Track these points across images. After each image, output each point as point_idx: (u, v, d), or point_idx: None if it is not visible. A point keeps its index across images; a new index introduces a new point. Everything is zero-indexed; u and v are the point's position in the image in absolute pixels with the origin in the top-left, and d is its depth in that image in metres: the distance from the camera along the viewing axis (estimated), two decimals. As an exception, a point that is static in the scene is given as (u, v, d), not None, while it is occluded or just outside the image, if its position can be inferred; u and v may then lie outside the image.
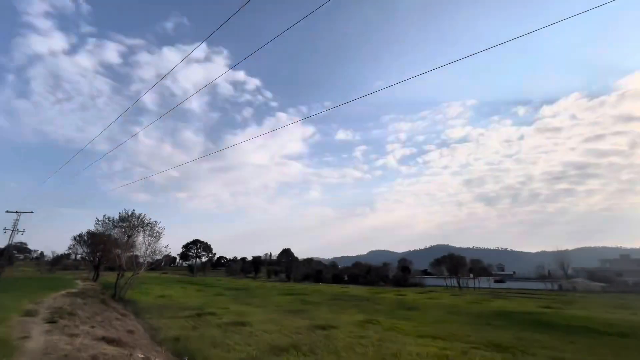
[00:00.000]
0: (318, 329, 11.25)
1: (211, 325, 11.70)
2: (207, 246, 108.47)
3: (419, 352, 8.29)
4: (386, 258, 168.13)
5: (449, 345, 9.28)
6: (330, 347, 8.68)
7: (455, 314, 17.26)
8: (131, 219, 23.22)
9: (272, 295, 28.87)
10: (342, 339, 9.67)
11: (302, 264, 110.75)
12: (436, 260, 75.24)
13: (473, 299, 28.88)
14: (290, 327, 11.70)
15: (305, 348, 8.41)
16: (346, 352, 8.19)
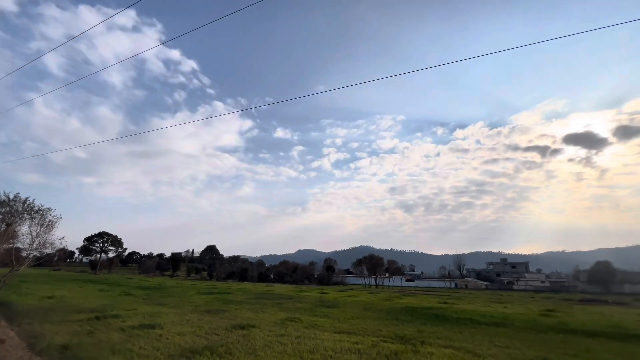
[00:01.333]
0: (237, 329, 10.95)
1: (112, 329, 10.35)
2: (116, 240, 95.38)
3: (334, 347, 8.74)
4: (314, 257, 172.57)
5: (362, 339, 10.01)
6: (249, 346, 8.54)
7: (370, 311, 18.70)
8: (13, 204, 19.02)
9: (191, 294, 26.97)
10: (262, 338, 9.60)
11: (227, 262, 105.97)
12: (358, 260, 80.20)
13: (386, 297, 31.65)
14: (207, 328, 11.11)
15: (222, 349, 8.10)
16: (264, 351, 8.15)
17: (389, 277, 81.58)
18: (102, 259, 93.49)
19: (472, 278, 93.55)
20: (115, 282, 39.08)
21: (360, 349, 8.68)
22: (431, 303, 24.77)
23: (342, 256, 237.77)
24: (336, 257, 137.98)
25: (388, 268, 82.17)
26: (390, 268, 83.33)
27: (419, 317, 16.30)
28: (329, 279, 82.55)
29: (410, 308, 20.23)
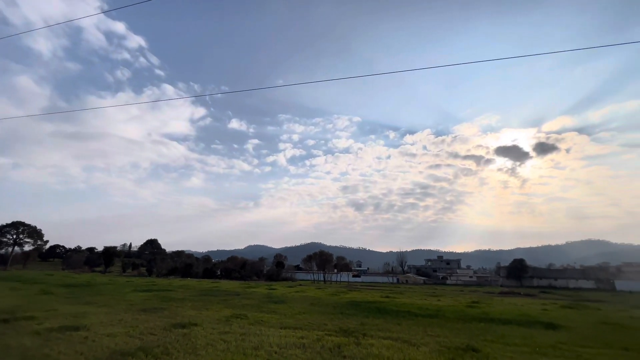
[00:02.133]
0: (177, 328, 10.36)
1: (25, 333, 9.07)
2: (34, 231, 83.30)
3: (279, 342, 8.76)
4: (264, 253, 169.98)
5: (307, 334, 10.18)
6: (189, 346, 8.15)
7: (317, 306, 19.10)
8: None
9: (125, 292, 24.79)
10: (204, 337, 9.23)
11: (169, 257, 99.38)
12: (308, 256, 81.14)
13: (333, 292, 32.58)
14: (142, 327, 10.33)
15: (158, 350, 7.60)
16: (206, 349, 7.85)
17: (337, 273, 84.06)
18: (14, 253, 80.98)
19: (412, 274, 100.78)
20: (31, 279, 34.21)
21: (305, 343, 8.83)
22: (374, 297, 26.13)
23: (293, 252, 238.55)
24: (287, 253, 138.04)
25: (337, 264, 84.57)
26: (339, 264, 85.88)
27: (362, 310, 17.09)
28: (279, 275, 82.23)
29: (354, 302, 21.10)
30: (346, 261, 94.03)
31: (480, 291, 49.13)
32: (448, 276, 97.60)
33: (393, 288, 50.84)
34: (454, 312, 17.25)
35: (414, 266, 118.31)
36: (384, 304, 20.20)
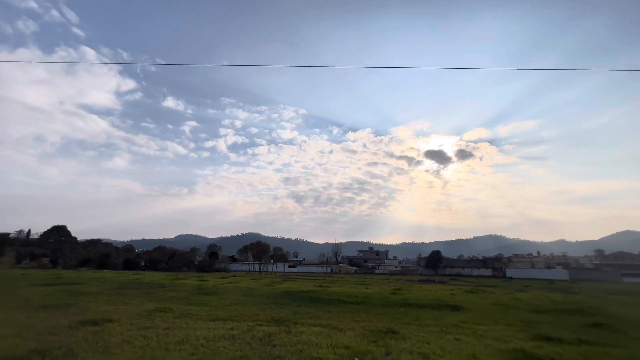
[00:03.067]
0: (87, 325, 9.22)
1: None
2: None
3: (207, 335, 8.46)
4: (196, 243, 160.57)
5: (238, 325, 10.03)
6: (100, 345, 7.33)
7: (250, 296, 18.89)
8: None
9: (20, 286, 21.08)
10: (120, 334, 8.40)
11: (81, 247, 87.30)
12: (244, 247, 79.26)
13: (268, 282, 32.56)
14: (39, 327, 8.93)
15: (60, 351, 6.68)
16: (121, 347, 7.17)
17: (273, 264, 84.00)
18: None
19: (345, 264, 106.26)
20: None
21: (235, 334, 8.70)
22: (308, 287, 26.89)
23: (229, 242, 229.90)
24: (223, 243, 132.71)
25: (273, 255, 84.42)
26: (276, 255, 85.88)
27: (296, 300, 17.47)
28: (212, 265, 78.69)
29: (288, 292, 21.43)
30: (283, 252, 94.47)
31: (403, 279, 54.25)
32: (377, 266, 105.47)
33: (326, 278, 52.97)
34: (379, 298, 18.78)
35: (347, 257, 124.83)
36: (317, 293, 20.94)
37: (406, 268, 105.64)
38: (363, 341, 8.29)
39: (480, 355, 7.21)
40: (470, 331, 10.13)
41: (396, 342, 8.27)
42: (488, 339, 9.10)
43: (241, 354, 6.88)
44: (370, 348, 7.57)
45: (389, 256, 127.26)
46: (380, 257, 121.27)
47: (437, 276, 76.35)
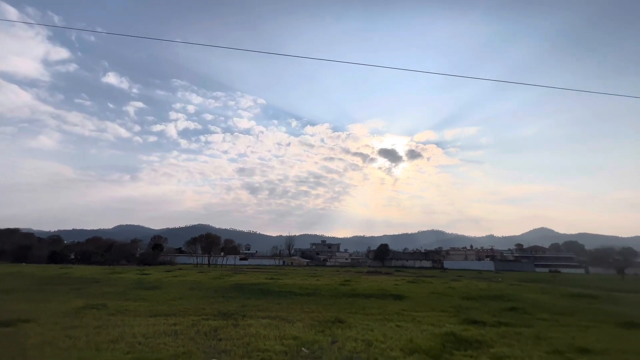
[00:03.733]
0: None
1: None
2: None
3: (146, 332, 7.93)
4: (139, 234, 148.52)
5: (181, 320, 9.56)
6: (14, 347, 6.44)
7: (196, 290, 18.11)
8: None
9: None
10: (39, 334, 7.47)
11: (-8, 237, 75.10)
12: (192, 238, 75.43)
13: (217, 275, 31.51)
14: None
15: (-40, 358, 5.72)
16: (41, 349, 6.38)
17: (223, 256, 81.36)
18: None
19: (297, 256, 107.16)
20: None
21: (178, 330, 8.29)
22: (259, 279, 26.62)
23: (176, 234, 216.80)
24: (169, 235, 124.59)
25: (224, 247, 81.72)
26: (227, 247, 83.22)
27: (245, 293, 17.18)
28: (155, 258, 73.54)
29: (238, 285, 20.99)
30: (235, 244, 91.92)
31: (352, 271, 56.47)
32: (328, 259, 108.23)
33: (278, 270, 52.92)
34: (329, 290, 19.33)
35: (300, 250, 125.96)
36: (267, 286, 20.84)
37: (356, 260, 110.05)
38: (311, 331, 8.48)
39: (417, 339, 7.84)
40: (410, 318, 10.96)
41: (342, 331, 8.61)
42: (425, 324, 9.94)
43: (184, 349, 6.58)
44: (318, 338, 7.77)
45: (340, 249, 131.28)
46: (332, 249, 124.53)
47: (383, 268, 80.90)
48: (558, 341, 8.07)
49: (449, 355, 6.66)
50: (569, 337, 8.68)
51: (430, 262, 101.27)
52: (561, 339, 8.31)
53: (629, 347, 7.79)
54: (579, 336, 8.83)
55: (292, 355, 6.43)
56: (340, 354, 6.54)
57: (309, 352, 6.63)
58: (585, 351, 7.23)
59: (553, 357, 6.80)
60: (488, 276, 47.61)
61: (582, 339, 8.50)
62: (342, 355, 6.41)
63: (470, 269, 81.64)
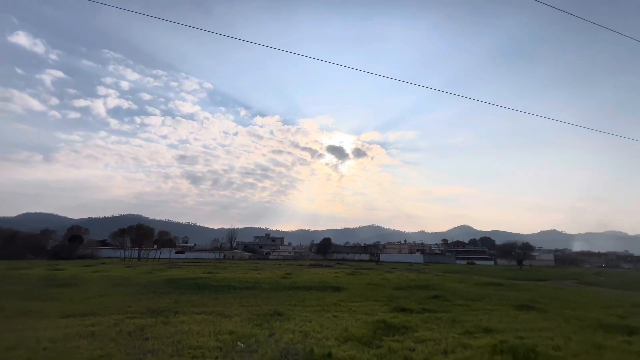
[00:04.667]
0: None
1: None
2: None
3: (55, 335, 6.96)
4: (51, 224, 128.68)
5: (101, 320, 8.61)
6: None
7: (122, 286, 16.45)
8: None
9: None
10: None
11: None
12: (120, 230, 68.16)
13: (148, 270, 29.03)
14: None
15: None
16: None
17: (157, 250, 75.18)
18: None
19: (239, 250, 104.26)
20: None
21: (96, 331, 7.45)
22: (196, 274, 25.25)
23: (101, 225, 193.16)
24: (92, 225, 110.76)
25: (158, 239, 75.49)
26: (161, 239, 77.05)
27: (180, 288, 16.16)
28: (72, 252, 64.52)
29: (172, 280, 19.65)
30: (170, 237, 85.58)
31: (294, 264, 56.98)
32: (271, 252, 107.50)
33: (217, 264, 50.77)
34: (270, 283, 19.24)
35: (243, 243, 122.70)
36: (205, 280, 19.90)
37: (299, 254, 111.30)
38: (248, 325, 8.36)
39: (352, 328, 8.29)
40: (347, 308, 11.51)
41: (281, 323, 8.66)
42: (359, 313, 10.55)
43: (101, 352, 5.94)
44: (255, 331, 7.70)
45: (284, 242, 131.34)
46: (276, 243, 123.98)
47: (325, 261, 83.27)
48: (469, 323, 9.28)
49: (379, 341, 7.18)
50: (478, 319, 10.05)
51: (369, 255, 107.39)
52: (471, 322, 9.57)
53: (521, 326, 9.33)
54: (485, 318, 10.28)
55: (226, 351, 6.26)
56: (277, 346, 6.58)
57: (245, 346, 6.54)
58: (489, 330, 8.46)
59: (464, 337, 7.79)
60: (418, 268, 52.36)
61: (487, 320, 9.92)
62: (278, 347, 6.46)
63: (403, 262, 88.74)
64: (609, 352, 6.84)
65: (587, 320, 10.31)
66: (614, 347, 7.23)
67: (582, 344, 7.46)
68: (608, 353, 6.78)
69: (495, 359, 6.16)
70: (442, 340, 7.38)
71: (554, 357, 6.33)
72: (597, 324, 9.71)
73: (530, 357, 6.21)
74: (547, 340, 7.73)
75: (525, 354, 6.28)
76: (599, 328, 9.25)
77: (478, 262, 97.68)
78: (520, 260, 74.47)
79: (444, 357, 6.21)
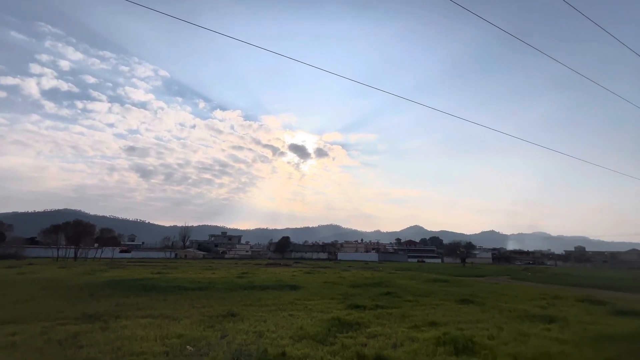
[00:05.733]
0: None
1: None
2: None
3: (-37, 348, 5.99)
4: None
5: (25, 328, 7.62)
6: None
7: (53, 290, 14.71)
8: None
9: None
10: None
11: None
12: (53, 226, 60.97)
13: (86, 271, 26.39)
14: None
15: None
16: None
17: (98, 248, 68.41)
18: None
19: (193, 249, 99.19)
20: None
21: (18, 340, 6.57)
22: (143, 274, 23.53)
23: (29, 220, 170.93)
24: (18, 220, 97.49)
25: (99, 237, 68.76)
26: (103, 237, 70.23)
27: (123, 290, 14.90)
28: (-10, 250, 55.94)
29: (114, 281, 18.07)
30: (114, 234, 78.39)
31: (251, 263, 55.75)
32: (227, 251, 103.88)
33: (168, 263, 47.78)
34: (225, 283, 18.59)
35: (197, 241, 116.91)
36: (153, 281, 18.61)
37: (257, 252, 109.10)
38: (199, 327, 7.99)
39: (307, 326, 8.34)
40: (303, 306, 11.56)
41: (234, 324, 8.42)
42: (315, 311, 10.65)
43: (24, 364, 5.25)
44: (206, 334, 7.39)
45: (241, 241, 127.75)
46: (233, 242, 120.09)
47: (283, 260, 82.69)
48: (417, 318, 9.87)
49: (333, 338, 7.33)
50: (425, 314, 10.73)
51: (327, 254, 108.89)
52: (419, 316, 10.19)
53: (462, 318, 10.16)
54: (431, 312, 11.02)
55: (174, 355, 5.93)
56: (229, 348, 6.39)
57: (194, 350, 6.24)
58: (434, 324, 9.08)
59: (412, 330, 8.27)
60: (373, 266, 54.36)
61: (433, 314, 10.64)
62: (230, 349, 6.27)
63: (359, 260, 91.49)
64: (533, 339, 7.75)
65: (516, 312, 11.57)
66: (536, 334, 8.21)
67: (512, 332, 8.35)
68: (532, 339, 7.68)
69: (438, 350, 6.63)
70: (392, 335, 7.76)
71: (489, 345, 7.00)
72: (524, 315, 10.94)
73: (469, 346, 6.79)
74: (483, 330, 8.52)
75: (465, 344, 6.86)
76: (525, 318, 10.43)
77: (427, 260, 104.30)
78: (464, 259, 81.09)
79: (393, 351, 6.53)
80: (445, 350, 6.61)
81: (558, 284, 26.33)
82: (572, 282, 28.82)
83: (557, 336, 8.11)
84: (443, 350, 6.61)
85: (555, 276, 37.60)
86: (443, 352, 6.51)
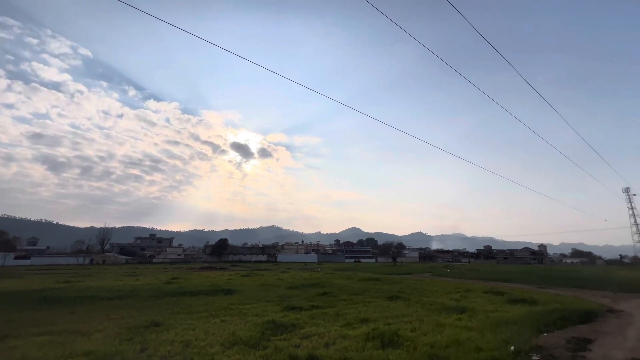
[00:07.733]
0: None
1: None
2: None
3: None
4: None
5: None
6: None
7: None
8: None
9: None
10: None
11: None
12: None
13: (-36, 282, 21.40)
14: None
15: None
16: None
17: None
18: None
19: (114, 253, 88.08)
20: None
21: None
22: (45, 284, 20.08)
23: None
24: None
25: (-15, 241, 56.49)
26: (-9, 241, 57.86)
27: (16, 304, 12.49)
28: None
29: (4, 294, 15.04)
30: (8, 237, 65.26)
31: (183, 267, 51.78)
32: (156, 254, 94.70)
33: (80, 270, 41.47)
34: (150, 290, 16.89)
35: (119, 244, 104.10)
36: (58, 291, 15.98)
37: (190, 256, 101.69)
38: (114, 342, 7.10)
39: (240, 331, 8.05)
40: (237, 311, 11.13)
41: (157, 335, 7.69)
42: (250, 315, 10.35)
43: None
44: (123, 348, 6.61)
45: (173, 244, 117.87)
46: (163, 244, 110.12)
47: (219, 263, 78.56)
48: (350, 315, 10.31)
49: (267, 342, 7.21)
50: (357, 311, 11.27)
51: (267, 256, 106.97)
52: (352, 314, 10.66)
53: (390, 314, 10.93)
54: (363, 310, 11.63)
55: (79, 376, 5.15)
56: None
57: (106, 367, 5.52)
58: (365, 320, 9.59)
59: (345, 328, 8.60)
60: (312, 267, 55.13)
61: (364, 312, 11.23)
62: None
63: (299, 261, 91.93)
64: (447, 328, 8.73)
65: (435, 305, 12.90)
66: (450, 324, 9.26)
67: (430, 324, 9.28)
68: (446, 329, 8.64)
69: (368, 345, 7.01)
70: (325, 334, 7.95)
71: (411, 337, 7.65)
72: (441, 307, 12.26)
73: (394, 339, 7.34)
74: (407, 324, 9.30)
75: (391, 337, 7.40)
76: (442, 310, 11.69)
77: (363, 260, 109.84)
78: (395, 258, 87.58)
79: (325, 350, 6.70)
80: (373, 345, 7.03)
81: (470, 279, 30.14)
82: (480, 276, 33.30)
83: (467, 324, 9.27)
84: (371, 345, 7.02)
85: (468, 272, 42.98)
86: (371, 346, 6.91)
